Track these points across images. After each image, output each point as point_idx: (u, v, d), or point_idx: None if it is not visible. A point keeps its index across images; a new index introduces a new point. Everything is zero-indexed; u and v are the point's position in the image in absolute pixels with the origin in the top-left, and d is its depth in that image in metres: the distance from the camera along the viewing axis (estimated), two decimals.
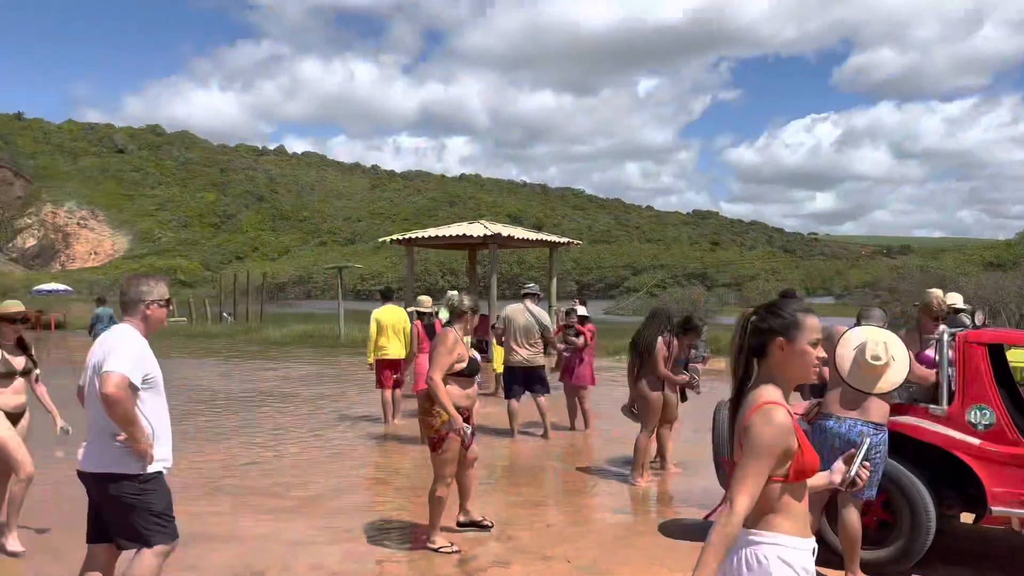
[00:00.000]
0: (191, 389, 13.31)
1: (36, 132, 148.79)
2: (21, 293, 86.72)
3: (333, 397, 12.88)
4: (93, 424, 3.52)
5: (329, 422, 10.41)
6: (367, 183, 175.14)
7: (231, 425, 10.04)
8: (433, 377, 4.94)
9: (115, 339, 3.48)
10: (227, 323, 33.00)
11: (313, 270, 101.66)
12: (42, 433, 5.56)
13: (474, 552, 5.16)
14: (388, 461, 8.40)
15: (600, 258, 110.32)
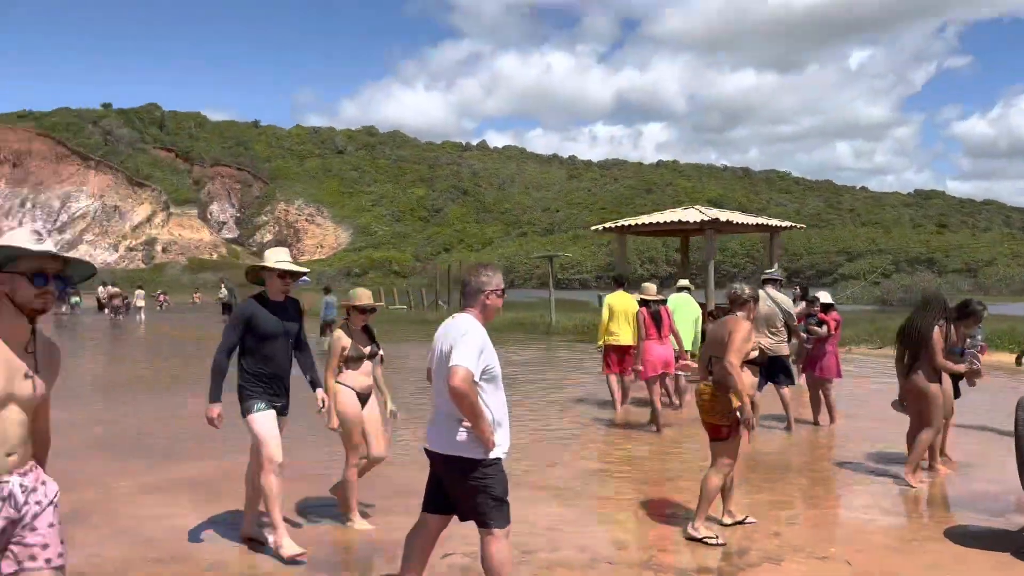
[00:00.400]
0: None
1: (270, 137, 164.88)
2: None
3: (555, 382, 13.09)
4: (440, 407, 3.71)
5: (556, 407, 10.58)
6: (564, 174, 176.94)
7: None
8: (732, 362, 4.83)
9: (460, 329, 3.61)
10: (443, 310, 34.78)
11: (515, 260, 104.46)
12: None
13: (741, 546, 5.00)
14: (620, 447, 8.38)
15: (811, 243, 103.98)
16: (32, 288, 2.31)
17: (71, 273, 2.48)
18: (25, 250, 2.32)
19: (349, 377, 5.22)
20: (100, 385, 13.21)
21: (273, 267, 4.77)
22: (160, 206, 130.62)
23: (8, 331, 2.34)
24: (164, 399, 11.30)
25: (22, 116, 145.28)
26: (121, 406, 10.68)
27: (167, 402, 10.94)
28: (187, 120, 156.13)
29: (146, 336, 25.11)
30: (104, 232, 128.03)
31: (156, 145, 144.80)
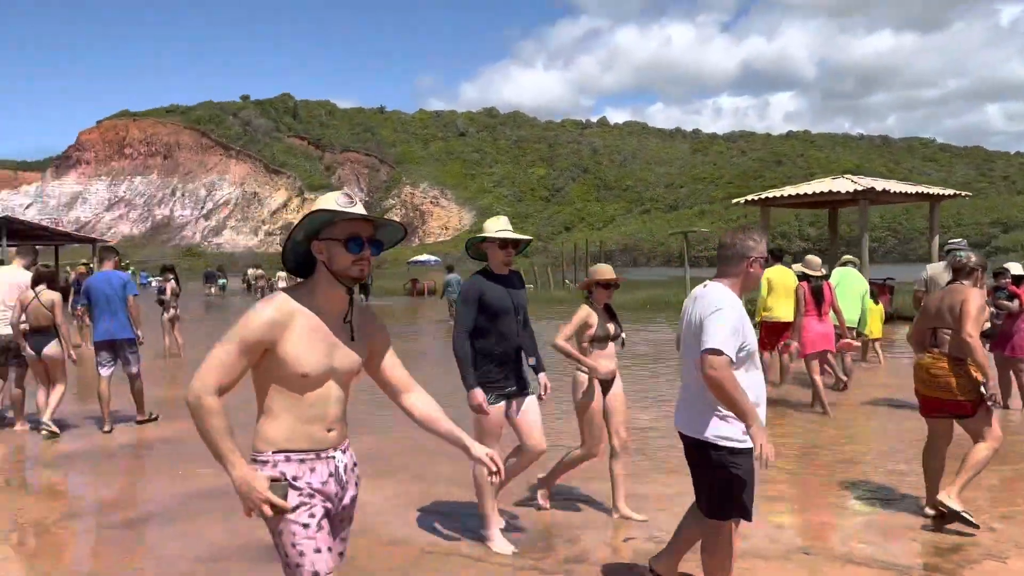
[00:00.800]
0: None
1: (395, 123, 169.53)
2: (397, 265, 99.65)
3: None
4: (689, 385, 3.40)
5: None
6: (688, 148, 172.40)
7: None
8: (972, 334, 4.38)
9: (712, 303, 3.19)
10: (570, 288, 34.59)
11: (638, 237, 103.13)
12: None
13: (953, 542, 4.52)
14: (782, 423, 7.90)
15: (960, 214, 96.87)
16: (348, 255, 2.22)
17: (382, 237, 2.34)
18: (343, 213, 2.20)
19: (594, 360, 4.73)
20: None
21: (494, 237, 4.37)
22: (295, 192, 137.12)
23: (326, 302, 2.27)
24: None
25: (170, 110, 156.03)
26: None
27: None
28: (318, 108, 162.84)
29: None
30: (245, 218, 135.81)
31: (290, 133, 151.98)
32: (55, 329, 7.34)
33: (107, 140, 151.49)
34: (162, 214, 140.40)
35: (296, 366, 2.21)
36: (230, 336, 2.18)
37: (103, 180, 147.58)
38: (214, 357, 2.18)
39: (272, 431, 2.29)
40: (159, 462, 6.55)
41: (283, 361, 2.20)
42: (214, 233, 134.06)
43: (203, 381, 2.16)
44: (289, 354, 2.19)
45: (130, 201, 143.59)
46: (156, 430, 7.64)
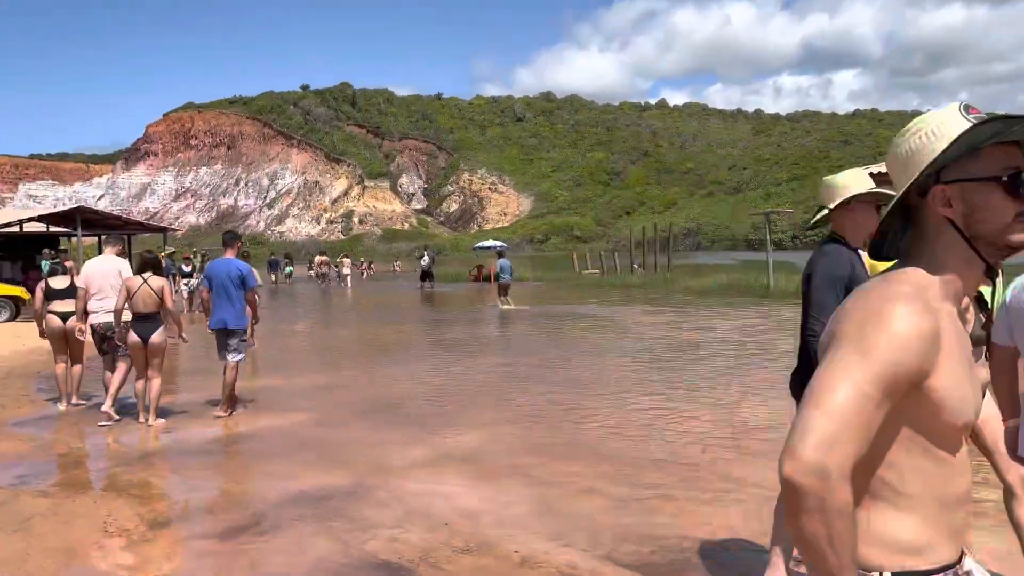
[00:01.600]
0: (709, 343, 13.19)
1: (452, 109, 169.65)
2: (458, 251, 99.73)
3: None
4: None
5: None
6: (750, 129, 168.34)
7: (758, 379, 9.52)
8: None
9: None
10: (638, 274, 33.69)
11: (702, 221, 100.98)
12: None
13: None
14: None
15: None
16: (1012, 202, 1.24)
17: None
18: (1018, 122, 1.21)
19: None
20: (329, 349, 13.53)
21: (867, 192, 3.04)
22: (355, 180, 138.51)
23: (955, 295, 1.31)
24: (397, 365, 11.24)
25: (233, 102, 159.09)
26: (360, 372, 10.70)
27: (402, 369, 10.84)
28: (376, 97, 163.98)
29: (355, 302, 26.14)
30: (307, 206, 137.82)
31: (350, 122, 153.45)
32: (160, 316, 7.19)
33: (173, 132, 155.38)
34: (227, 204, 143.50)
35: (953, 412, 1.25)
36: (854, 364, 1.17)
37: (170, 171, 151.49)
38: (836, 407, 1.15)
39: (897, 530, 1.28)
40: (249, 461, 6.15)
41: (934, 404, 1.24)
42: (277, 222, 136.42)
43: (830, 452, 1.13)
44: (944, 391, 1.24)
45: (196, 191, 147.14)
46: (242, 423, 7.28)
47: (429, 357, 11.75)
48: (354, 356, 12.29)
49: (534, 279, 35.59)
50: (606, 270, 37.95)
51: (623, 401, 7.85)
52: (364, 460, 5.87)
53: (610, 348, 12.08)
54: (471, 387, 8.94)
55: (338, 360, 11.76)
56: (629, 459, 5.66)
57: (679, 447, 6.00)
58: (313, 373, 10.22)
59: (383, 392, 8.79)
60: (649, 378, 9.26)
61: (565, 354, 11.50)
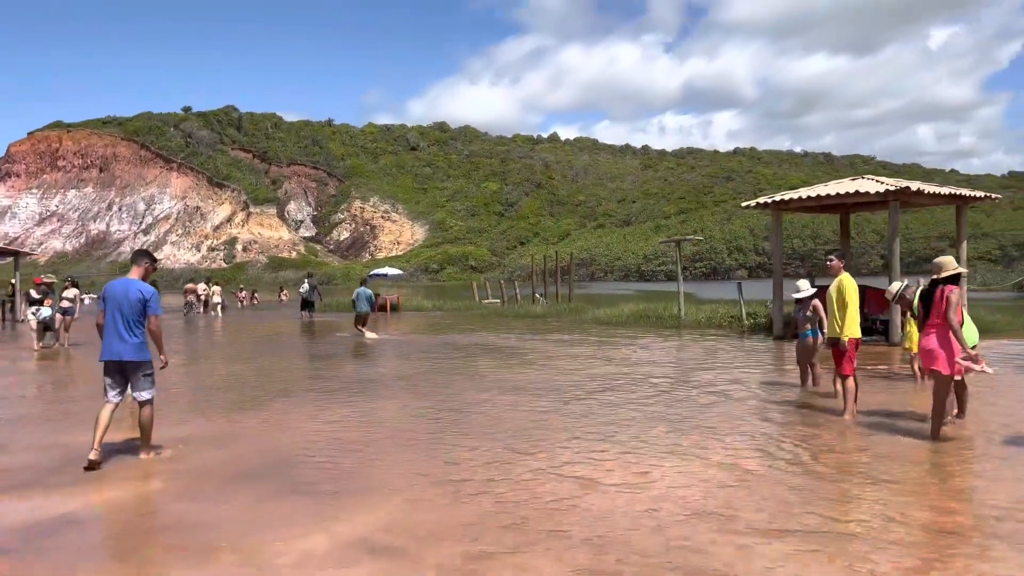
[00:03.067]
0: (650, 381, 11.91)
1: (343, 136, 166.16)
2: (350, 280, 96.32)
3: (775, 385, 10.74)
4: None
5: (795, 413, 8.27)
6: (638, 164, 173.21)
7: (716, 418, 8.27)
8: None
9: None
10: (541, 303, 32.65)
11: (595, 252, 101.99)
12: None
13: None
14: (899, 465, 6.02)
15: (908, 228, 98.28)
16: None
17: None
18: None
19: None
20: (192, 391, 11.53)
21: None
22: (240, 206, 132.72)
23: None
24: (279, 413, 9.46)
25: (107, 122, 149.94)
26: (231, 421, 8.85)
27: (285, 417, 9.08)
28: (263, 121, 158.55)
29: (228, 335, 23.74)
30: (187, 232, 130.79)
31: (235, 146, 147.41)
32: None
33: (38, 152, 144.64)
34: (98, 229, 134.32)
35: None
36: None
37: (34, 193, 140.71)
38: None
39: None
40: (62, 569, 4.31)
41: None
42: (153, 248, 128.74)
43: None
44: None
45: (63, 215, 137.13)
46: (73, 497, 5.39)
47: (319, 400, 9.99)
48: (223, 401, 10.33)
49: (433, 308, 33.98)
50: (506, 299, 36.79)
51: (574, 454, 6.45)
52: (236, 558, 4.20)
53: (535, 385, 10.69)
54: (376, 438, 7.31)
55: (203, 406, 9.80)
56: (615, 545, 4.25)
57: (674, 524, 4.63)
58: (171, 424, 8.29)
59: (263, 448, 7.04)
60: (589, 424, 7.90)
61: (482, 393, 10.03)
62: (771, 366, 12.67)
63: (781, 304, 16.20)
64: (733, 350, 14.73)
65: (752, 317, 18.96)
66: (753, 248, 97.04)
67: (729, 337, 17.32)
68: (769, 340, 16.37)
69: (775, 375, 11.59)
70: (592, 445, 6.82)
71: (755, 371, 11.99)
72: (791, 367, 12.17)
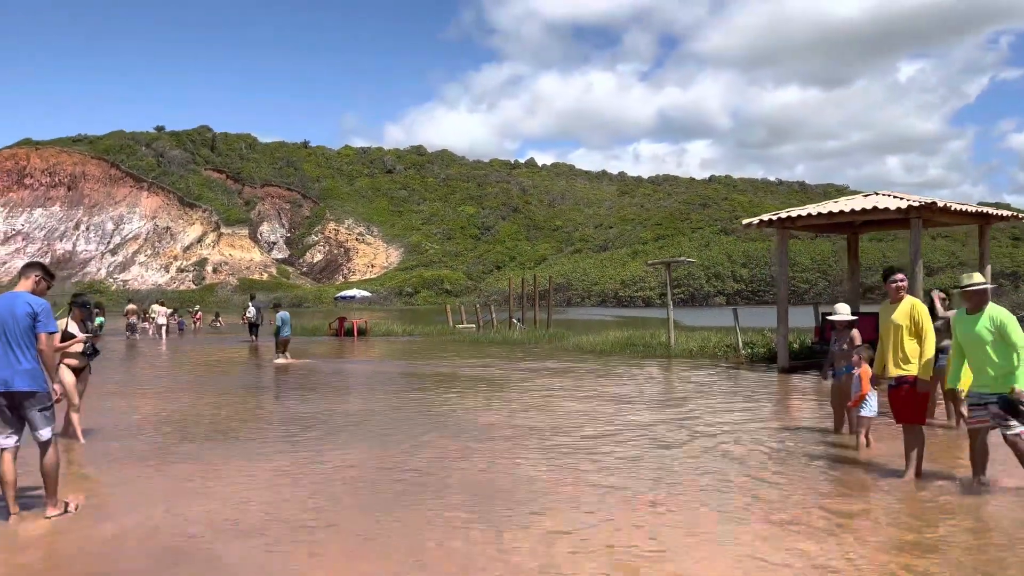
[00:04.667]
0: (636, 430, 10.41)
1: (319, 158, 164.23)
2: (320, 303, 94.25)
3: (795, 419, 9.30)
4: None
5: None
6: (615, 190, 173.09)
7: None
8: None
9: None
10: (518, 329, 31.11)
11: (572, 277, 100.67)
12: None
13: None
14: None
15: (885, 256, 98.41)
16: None
17: None
18: None
19: None
20: (101, 432, 9.86)
21: None
22: (211, 226, 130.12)
23: None
24: (214, 462, 7.83)
25: (77, 140, 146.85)
26: (145, 480, 7.21)
27: (216, 471, 7.46)
28: (238, 141, 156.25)
29: (167, 360, 21.92)
30: (156, 253, 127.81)
31: (208, 167, 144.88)
32: None
33: (5, 170, 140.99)
34: (64, 248, 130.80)
35: None
36: None
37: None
38: None
39: None
40: None
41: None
42: (121, 269, 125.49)
43: None
44: None
45: (28, 234, 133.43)
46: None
47: (261, 447, 8.37)
48: (143, 445, 8.66)
49: (404, 333, 32.29)
50: (482, 325, 35.23)
51: (589, 526, 4.92)
52: None
53: (516, 430, 9.15)
54: (311, 516, 5.71)
55: (115, 452, 8.14)
56: None
57: None
58: (72, 479, 6.67)
59: (159, 523, 5.41)
60: (593, 497, 6.38)
61: (453, 441, 8.45)
62: (786, 406, 11.25)
63: (786, 332, 14.81)
64: (736, 385, 13.29)
65: (750, 347, 17.60)
66: (731, 275, 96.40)
67: (726, 369, 15.91)
68: (773, 372, 14.97)
69: (796, 418, 10.15)
70: (610, 536, 5.28)
71: (771, 413, 10.55)
72: (807, 405, 10.75)
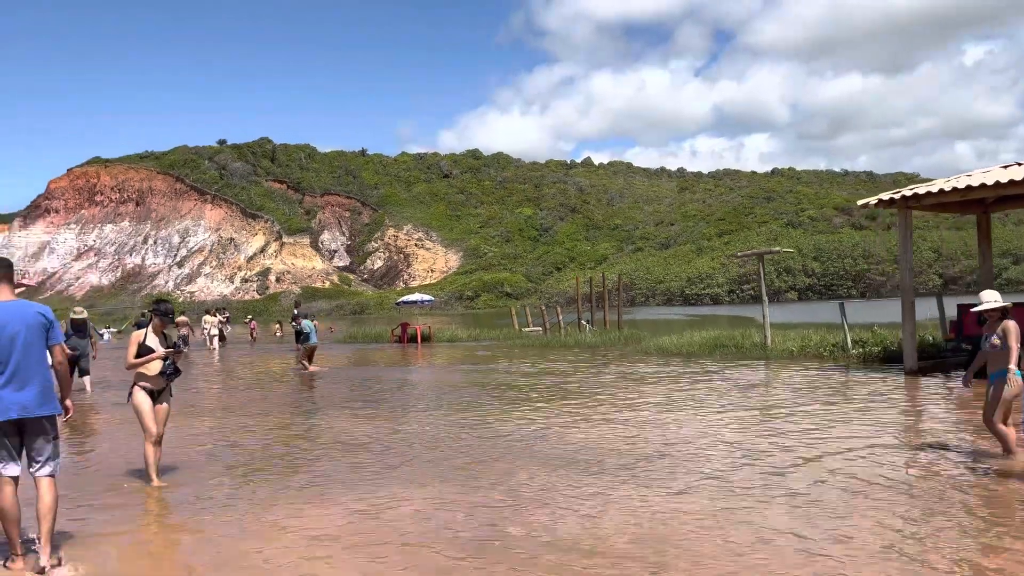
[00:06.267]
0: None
1: (377, 165, 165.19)
2: (382, 308, 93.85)
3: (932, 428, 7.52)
4: None
5: None
6: (675, 186, 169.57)
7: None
8: None
9: None
10: (588, 331, 29.44)
11: (634, 276, 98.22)
12: None
13: None
14: None
15: (967, 245, 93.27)
16: None
17: None
18: None
19: None
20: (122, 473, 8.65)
21: None
22: (273, 236, 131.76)
23: None
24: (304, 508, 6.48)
25: (144, 157, 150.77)
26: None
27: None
28: (297, 152, 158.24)
29: (215, 376, 20.93)
30: (221, 264, 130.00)
31: (269, 177, 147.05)
32: None
33: (77, 188, 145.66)
34: (133, 262, 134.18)
35: None
36: None
37: (72, 229, 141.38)
38: None
39: None
40: None
41: None
42: (187, 281, 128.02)
43: None
44: None
45: (100, 250, 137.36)
46: None
47: (305, 487, 6.98)
48: (214, 490, 7.36)
49: (470, 338, 30.90)
50: (549, 327, 33.66)
51: None
52: None
53: (621, 457, 7.57)
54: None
55: (189, 500, 6.85)
56: None
57: None
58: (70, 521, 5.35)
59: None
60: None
61: (551, 473, 6.93)
62: (935, 417, 9.38)
63: (913, 328, 12.84)
64: (862, 391, 11.41)
65: (860, 345, 15.61)
66: (802, 269, 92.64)
67: (837, 371, 14.00)
68: (897, 374, 13.02)
69: (956, 433, 8.30)
70: None
71: (922, 427, 8.71)
72: (954, 418, 8.88)
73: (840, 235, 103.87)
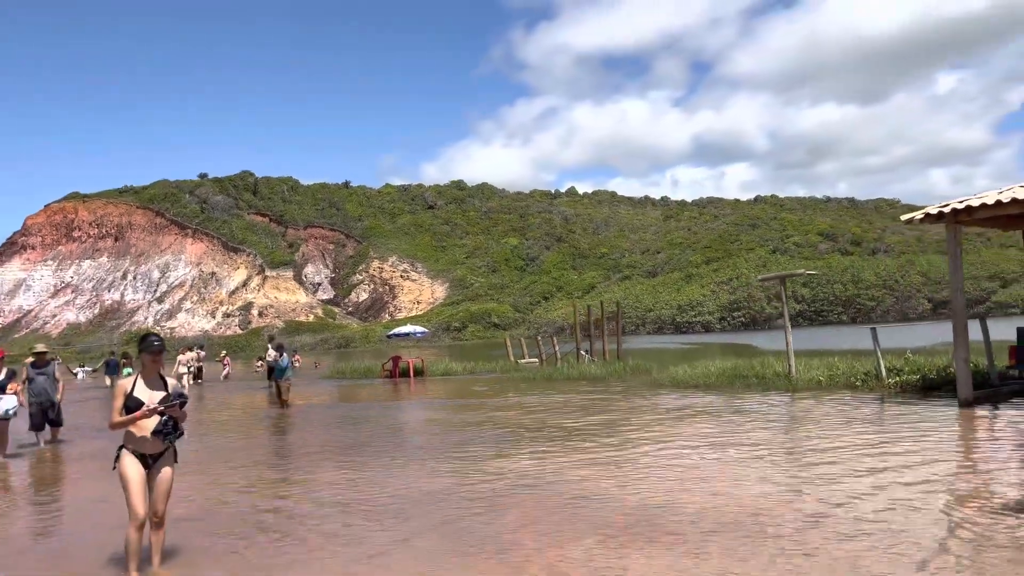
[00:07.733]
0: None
1: (360, 197, 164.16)
2: (368, 342, 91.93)
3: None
4: None
5: None
6: (660, 214, 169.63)
7: None
8: None
9: None
10: (587, 362, 28.12)
11: (624, 304, 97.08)
12: None
13: None
14: None
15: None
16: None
17: None
18: None
19: None
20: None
21: None
22: (255, 270, 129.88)
23: None
24: None
25: (123, 191, 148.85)
26: None
27: None
28: (280, 184, 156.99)
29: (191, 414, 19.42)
30: (202, 299, 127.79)
31: (251, 210, 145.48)
32: None
33: (54, 223, 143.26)
34: (111, 299, 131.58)
35: None
36: None
37: (49, 265, 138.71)
38: None
39: None
40: None
41: None
42: (168, 316, 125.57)
43: None
44: None
45: (77, 286, 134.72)
46: None
47: (333, 561, 5.62)
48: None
49: (464, 371, 29.44)
50: (546, 358, 32.30)
51: None
52: None
53: (729, 519, 6.29)
54: None
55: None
56: None
57: None
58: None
59: None
60: None
61: (647, 551, 5.63)
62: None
63: (967, 355, 11.66)
64: (919, 429, 10.17)
65: (896, 373, 14.42)
66: (792, 295, 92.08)
67: (876, 402, 12.78)
68: (946, 406, 11.82)
69: None
70: None
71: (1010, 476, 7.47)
72: None
73: (823, 261, 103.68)
